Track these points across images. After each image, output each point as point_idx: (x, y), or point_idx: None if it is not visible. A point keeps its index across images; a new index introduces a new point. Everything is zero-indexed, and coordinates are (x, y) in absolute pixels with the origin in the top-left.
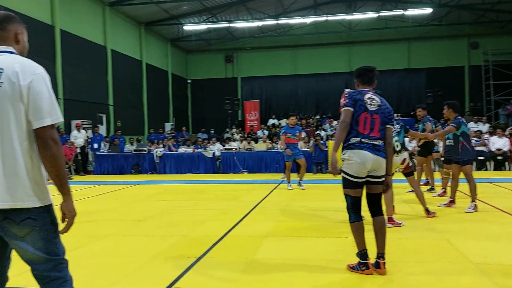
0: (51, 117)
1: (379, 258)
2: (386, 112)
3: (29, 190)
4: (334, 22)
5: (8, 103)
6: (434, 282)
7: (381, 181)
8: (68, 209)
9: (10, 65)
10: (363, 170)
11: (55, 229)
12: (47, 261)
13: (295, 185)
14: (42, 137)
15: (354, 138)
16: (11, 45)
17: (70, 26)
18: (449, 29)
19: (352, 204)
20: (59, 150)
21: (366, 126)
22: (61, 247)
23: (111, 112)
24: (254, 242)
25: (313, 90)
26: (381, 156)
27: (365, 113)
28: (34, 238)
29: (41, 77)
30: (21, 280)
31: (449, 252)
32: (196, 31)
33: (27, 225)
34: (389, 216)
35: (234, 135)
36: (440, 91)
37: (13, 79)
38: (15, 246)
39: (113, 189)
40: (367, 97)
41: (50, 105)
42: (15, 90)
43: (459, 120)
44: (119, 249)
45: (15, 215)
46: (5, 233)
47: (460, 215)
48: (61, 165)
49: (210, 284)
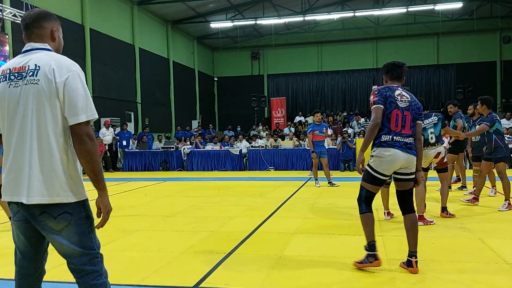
0: (86, 114)
1: (411, 257)
2: (416, 108)
3: (65, 186)
4: (361, 18)
5: (44, 100)
6: (468, 282)
7: (411, 178)
8: (103, 204)
9: (46, 62)
10: (391, 169)
11: (90, 224)
12: (82, 255)
13: (324, 182)
14: (77, 134)
15: (386, 135)
16: (47, 42)
17: (99, 25)
18: (480, 23)
19: (366, 197)
20: (94, 146)
21: (398, 123)
22: (96, 241)
23: (139, 109)
24: (283, 238)
25: (339, 87)
26: (412, 154)
27: (396, 109)
28: (69, 232)
29: (76, 74)
30: (57, 273)
31: (483, 251)
32: (222, 28)
33: (64, 220)
34: (419, 214)
35: (260, 133)
36: (471, 87)
37: (49, 76)
38: (52, 240)
39: (142, 185)
40: (397, 93)
41: (85, 102)
42: (52, 87)
43: (493, 118)
44: (149, 244)
45: (52, 210)
46: (42, 227)
47: (492, 214)
48: (96, 160)
49: (239, 280)
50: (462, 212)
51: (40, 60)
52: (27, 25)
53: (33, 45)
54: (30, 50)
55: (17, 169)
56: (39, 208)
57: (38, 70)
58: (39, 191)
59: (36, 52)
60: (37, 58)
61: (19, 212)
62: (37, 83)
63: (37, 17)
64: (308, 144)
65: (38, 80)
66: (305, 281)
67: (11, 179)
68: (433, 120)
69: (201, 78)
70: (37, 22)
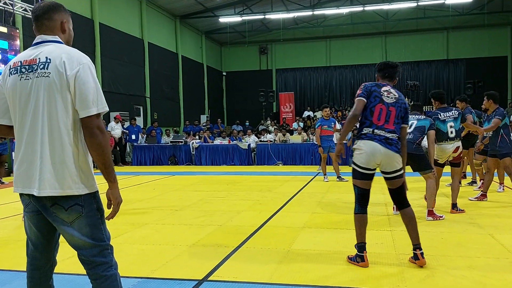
0: (97, 106)
1: (415, 250)
2: (403, 107)
3: (76, 178)
4: (370, 12)
5: (55, 93)
6: (478, 277)
7: (399, 175)
8: (114, 196)
9: (57, 55)
10: (372, 162)
11: (101, 216)
12: (93, 246)
13: (332, 177)
14: (88, 126)
15: (367, 128)
16: (57, 34)
17: (108, 20)
18: (491, 18)
19: (359, 195)
20: (105, 138)
21: (381, 117)
22: (106, 233)
23: (148, 104)
24: (291, 233)
25: (348, 82)
26: (392, 150)
27: (380, 104)
28: (81, 224)
29: (87, 66)
30: (68, 265)
31: (493, 247)
32: (230, 23)
33: (75, 211)
34: (429, 209)
35: (269, 127)
36: (481, 82)
37: (60, 69)
38: (63, 232)
39: (151, 179)
40: (384, 89)
41: (95, 95)
42: (62, 80)
43: (502, 111)
44: (158, 237)
45: (63, 202)
46: (53, 219)
47: (502, 210)
48: (107, 153)
49: (248, 274)
50: (472, 208)
51: (51, 52)
52: (37, 17)
53: (44, 38)
54: (41, 42)
55: (28, 162)
56: (51, 200)
57: (49, 63)
58: (50, 183)
59: (47, 45)
60: (48, 51)
61: (30, 203)
62: (48, 76)
63: (47, 9)
64: (315, 139)
65: (49, 73)
66: (313, 275)
67: (22, 171)
68: (453, 114)
69: (209, 72)
70: (47, 14)
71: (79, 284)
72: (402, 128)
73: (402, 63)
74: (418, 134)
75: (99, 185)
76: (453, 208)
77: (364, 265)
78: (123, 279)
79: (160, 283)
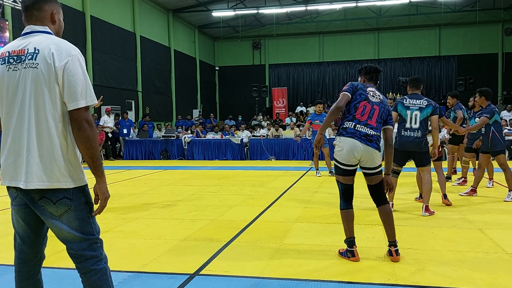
0: (85, 99)
1: (390, 246)
2: (386, 109)
3: (64, 171)
4: (363, 8)
5: (43, 85)
6: (468, 271)
7: (378, 172)
8: (101, 191)
9: (45, 46)
10: (352, 158)
11: (90, 209)
12: (82, 240)
13: (325, 172)
14: (76, 119)
15: (349, 122)
16: (47, 25)
17: (100, 13)
18: (483, 15)
19: (343, 191)
20: (93, 132)
21: (365, 114)
22: (96, 227)
23: (139, 98)
24: (283, 227)
25: (340, 78)
26: (372, 147)
27: (365, 101)
28: (69, 217)
29: (76, 58)
30: (56, 259)
31: (483, 242)
32: (223, 17)
33: (63, 205)
34: (426, 205)
35: (261, 122)
36: (472, 79)
37: (48, 60)
38: (51, 225)
39: (143, 174)
40: (369, 89)
41: (84, 87)
42: (51, 71)
43: (492, 109)
44: (149, 232)
45: (51, 195)
46: (41, 212)
47: (492, 205)
48: (95, 147)
49: (240, 268)
50: (462, 203)
51: (40, 43)
52: (27, 7)
53: (33, 28)
54: (30, 32)
55: (15, 154)
56: (39, 193)
57: (37, 53)
58: (38, 176)
59: (36, 35)
60: (36, 41)
61: (18, 197)
62: (36, 67)
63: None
64: (303, 131)
65: (37, 64)
66: (305, 269)
67: (9, 163)
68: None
69: (202, 67)
70: (37, 4)
71: (69, 278)
72: (387, 129)
73: (395, 59)
74: (425, 127)
75: (88, 179)
76: (445, 198)
77: (355, 260)
78: (114, 273)
79: (151, 277)
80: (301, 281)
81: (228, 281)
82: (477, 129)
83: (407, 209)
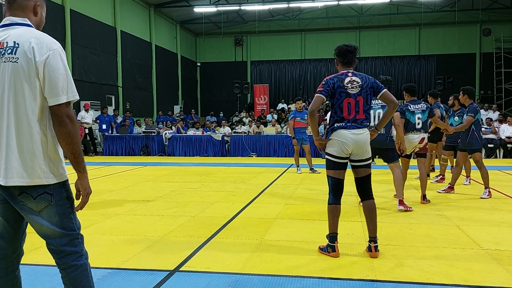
0: (67, 94)
1: (370, 242)
2: (369, 88)
3: (45, 167)
4: (345, 7)
5: (23, 80)
6: (445, 267)
7: (366, 164)
8: (83, 187)
9: (25, 40)
10: (344, 150)
11: (70, 204)
12: (62, 235)
13: (305, 169)
14: (57, 115)
15: (339, 123)
16: (28, 16)
17: (80, 7)
18: (461, 15)
19: (333, 185)
20: (74, 127)
21: (351, 111)
22: (76, 222)
23: (120, 93)
24: (264, 224)
25: (322, 75)
26: (363, 138)
27: (347, 98)
28: (50, 213)
29: (57, 53)
30: (35, 255)
31: (460, 238)
32: (205, 13)
33: (44, 200)
34: (400, 199)
35: (243, 119)
36: (451, 78)
37: (29, 54)
38: (31, 221)
39: (122, 170)
40: (347, 81)
41: (66, 82)
42: (31, 66)
43: (475, 108)
44: (129, 228)
45: (31, 190)
46: (21, 208)
47: (469, 202)
48: (76, 142)
49: (220, 264)
50: (440, 200)
51: (19, 36)
52: None
53: (13, 20)
54: (9, 25)
55: None
56: (18, 189)
57: (17, 47)
58: (18, 172)
59: (16, 28)
60: (16, 34)
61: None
62: (16, 62)
63: None
64: (289, 131)
65: (17, 59)
66: (285, 265)
67: None
68: (421, 106)
69: (183, 63)
70: None
71: (46, 274)
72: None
73: (375, 58)
74: (389, 125)
75: (69, 175)
76: (424, 199)
77: (335, 255)
78: (93, 269)
79: (130, 273)
80: (282, 277)
81: (208, 278)
82: (464, 128)
83: (386, 206)
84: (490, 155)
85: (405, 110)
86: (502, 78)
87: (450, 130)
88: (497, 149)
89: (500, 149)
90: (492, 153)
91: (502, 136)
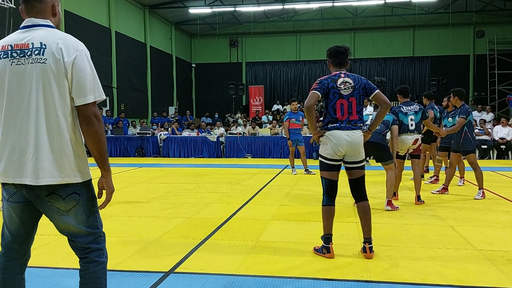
0: (94, 94)
1: (365, 243)
2: (361, 89)
3: (74, 166)
4: (340, 8)
5: (52, 80)
6: (439, 267)
7: (360, 166)
8: (108, 185)
9: (52, 41)
10: (338, 152)
11: (95, 203)
12: (88, 234)
13: (300, 170)
14: (85, 114)
15: (333, 124)
16: (48, 18)
17: (74, 7)
18: (455, 17)
19: (327, 187)
20: (101, 127)
21: (344, 112)
22: (99, 220)
23: (114, 94)
24: (259, 225)
25: (317, 76)
26: (357, 139)
27: (340, 99)
28: (77, 212)
29: (83, 53)
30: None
31: (454, 239)
32: (201, 14)
33: (73, 200)
34: (388, 200)
35: (238, 120)
36: (445, 80)
37: (57, 55)
38: (58, 221)
39: (117, 171)
40: (340, 82)
41: (93, 82)
42: (60, 66)
43: (467, 109)
44: (124, 229)
45: (61, 191)
46: (49, 208)
47: (463, 203)
48: (103, 141)
49: (215, 265)
50: (434, 201)
51: (45, 37)
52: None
53: (34, 21)
54: (32, 26)
55: (20, 151)
56: (47, 189)
57: (45, 48)
58: (49, 172)
59: (39, 29)
60: (41, 36)
61: (17, 193)
62: (44, 62)
63: None
64: (284, 132)
65: (46, 59)
66: (280, 266)
67: (14, 160)
68: (414, 108)
69: (178, 64)
70: None
71: (40, 277)
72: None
73: (370, 59)
74: (383, 126)
75: None
76: (418, 200)
77: (330, 256)
78: None
79: (125, 275)
80: (277, 278)
81: (203, 279)
82: (456, 130)
83: (381, 207)
84: (484, 156)
85: (398, 111)
86: (495, 80)
87: (442, 133)
88: (490, 150)
89: (493, 150)
90: (486, 154)
91: (495, 137)
